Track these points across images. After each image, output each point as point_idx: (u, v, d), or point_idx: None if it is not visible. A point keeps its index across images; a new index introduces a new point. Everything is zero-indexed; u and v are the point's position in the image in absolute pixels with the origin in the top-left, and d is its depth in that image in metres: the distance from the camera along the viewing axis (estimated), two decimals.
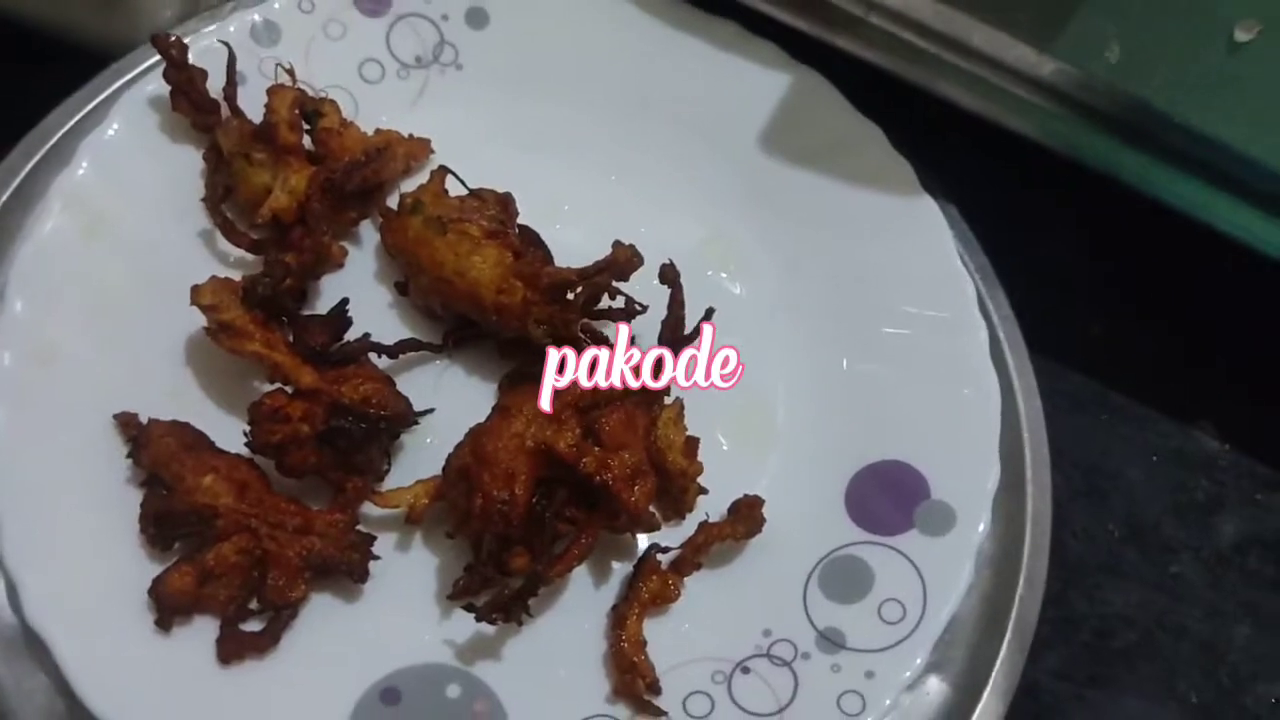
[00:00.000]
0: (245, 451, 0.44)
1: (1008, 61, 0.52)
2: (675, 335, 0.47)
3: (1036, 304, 0.55)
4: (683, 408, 0.47)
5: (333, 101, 0.52)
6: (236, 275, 0.47)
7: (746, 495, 0.47)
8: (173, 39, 0.50)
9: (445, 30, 0.55)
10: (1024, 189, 0.58)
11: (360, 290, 0.50)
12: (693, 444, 0.47)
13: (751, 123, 0.55)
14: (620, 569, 0.47)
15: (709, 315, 0.47)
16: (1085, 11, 0.50)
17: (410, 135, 0.54)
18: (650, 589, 0.45)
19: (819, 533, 0.48)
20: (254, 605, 0.43)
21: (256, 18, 0.52)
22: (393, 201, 0.51)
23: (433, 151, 0.54)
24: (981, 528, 0.46)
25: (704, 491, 0.47)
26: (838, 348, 0.52)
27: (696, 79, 0.55)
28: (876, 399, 0.50)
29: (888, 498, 0.48)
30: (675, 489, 0.46)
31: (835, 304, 0.52)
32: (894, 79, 0.54)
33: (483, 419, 0.46)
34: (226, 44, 0.51)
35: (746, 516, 0.46)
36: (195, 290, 0.44)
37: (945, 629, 0.45)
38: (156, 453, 0.42)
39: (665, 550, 0.46)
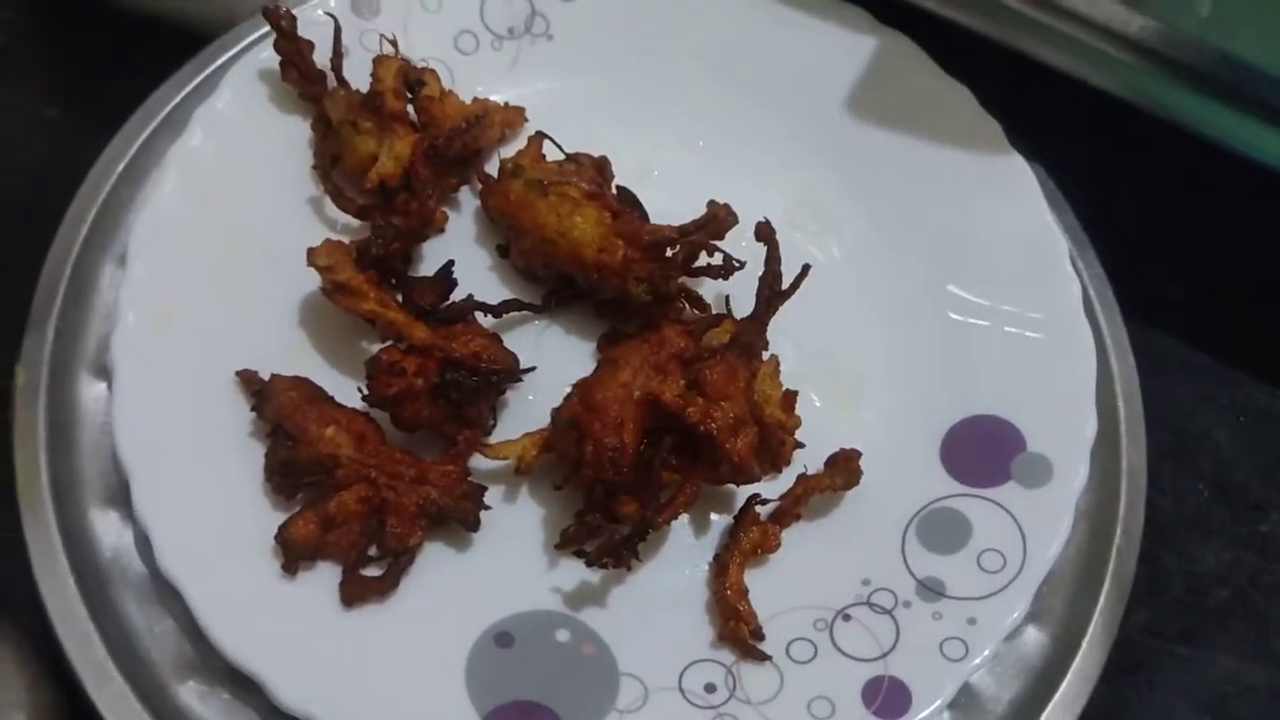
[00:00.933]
0: (360, 406, 0.46)
1: (1097, 19, 0.52)
2: (773, 290, 0.48)
3: (1123, 264, 0.56)
4: (779, 363, 0.48)
5: (433, 71, 0.54)
6: (345, 240, 0.49)
7: (844, 449, 0.48)
8: (283, 10, 0.51)
9: (536, 2, 0.56)
10: (1111, 147, 0.58)
11: (461, 253, 0.51)
12: (790, 397, 0.48)
13: (839, 86, 0.56)
14: (719, 521, 0.48)
15: (805, 271, 0.48)
16: None
17: (506, 103, 0.55)
18: (751, 539, 0.46)
19: (916, 485, 0.48)
20: (373, 551, 0.44)
21: None
22: (490, 168, 0.53)
23: (527, 120, 0.55)
24: (1080, 479, 0.47)
25: (800, 445, 0.48)
26: (930, 306, 0.52)
27: (784, 44, 0.56)
28: (970, 355, 0.51)
29: (984, 451, 0.48)
30: (773, 442, 0.47)
31: (927, 263, 0.53)
32: (980, 38, 0.55)
33: (581, 375, 0.47)
34: (333, 16, 0.52)
35: (844, 469, 0.47)
36: (311, 252, 0.46)
37: (1044, 580, 0.46)
38: (280, 406, 0.43)
39: (764, 502, 0.47)
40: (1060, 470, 0.47)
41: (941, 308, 0.52)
